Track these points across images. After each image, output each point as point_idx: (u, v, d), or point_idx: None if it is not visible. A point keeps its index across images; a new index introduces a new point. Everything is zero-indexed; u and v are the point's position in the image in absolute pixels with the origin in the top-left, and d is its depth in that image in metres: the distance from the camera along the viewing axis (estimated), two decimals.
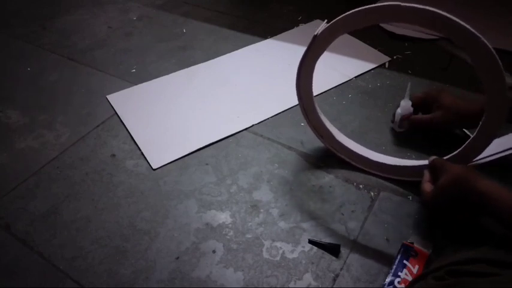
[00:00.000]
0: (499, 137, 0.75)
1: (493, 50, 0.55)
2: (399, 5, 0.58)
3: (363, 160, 0.77)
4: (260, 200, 0.75)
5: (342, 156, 0.79)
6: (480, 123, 0.64)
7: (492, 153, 0.72)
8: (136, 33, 1.25)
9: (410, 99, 0.82)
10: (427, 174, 0.67)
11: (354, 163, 0.79)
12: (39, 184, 0.80)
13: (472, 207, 0.59)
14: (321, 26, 0.66)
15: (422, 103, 0.82)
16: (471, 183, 0.57)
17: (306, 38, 1.16)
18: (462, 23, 0.55)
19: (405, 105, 0.81)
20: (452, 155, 0.70)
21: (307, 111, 0.77)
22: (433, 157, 0.68)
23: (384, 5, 0.59)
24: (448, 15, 0.56)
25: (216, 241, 0.68)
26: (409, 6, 0.57)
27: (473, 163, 0.71)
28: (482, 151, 0.68)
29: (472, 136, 0.67)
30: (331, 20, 0.65)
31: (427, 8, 0.56)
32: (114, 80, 1.06)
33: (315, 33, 0.65)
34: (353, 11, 0.62)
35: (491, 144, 0.66)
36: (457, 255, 0.53)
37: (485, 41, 0.55)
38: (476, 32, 0.55)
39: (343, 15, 0.63)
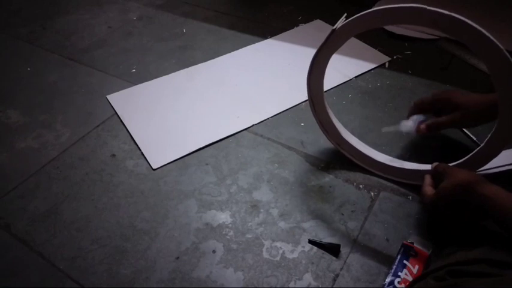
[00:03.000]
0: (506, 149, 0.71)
1: None
2: (424, 8, 0.56)
3: (366, 159, 0.77)
4: (260, 200, 0.74)
5: (345, 153, 0.79)
6: (490, 134, 0.62)
7: (497, 165, 0.71)
8: (136, 33, 1.25)
9: (416, 105, 0.76)
10: (428, 179, 0.66)
11: (355, 161, 0.79)
12: (39, 184, 0.80)
13: (474, 211, 0.58)
14: (339, 20, 0.65)
15: (432, 107, 0.76)
16: (474, 187, 0.55)
17: (306, 38, 1.17)
18: (487, 33, 0.54)
19: (407, 125, 0.75)
20: (458, 163, 0.69)
21: (315, 104, 0.76)
22: (436, 163, 0.66)
23: (409, 7, 0.58)
24: (475, 24, 0.54)
25: (216, 241, 0.68)
26: (434, 11, 0.56)
27: (478, 173, 0.70)
28: (489, 161, 0.67)
29: (481, 145, 0.65)
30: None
31: (454, 15, 0.55)
32: (114, 80, 1.06)
33: (334, 27, 0.64)
34: (377, 9, 0.60)
35: (498, 155, 0.65)
36: (457, 256, 0.53)
37: (507, 54, 0.54)
38: (499, 44, 0.54)
39: (365, 12, 0.61)
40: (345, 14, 0.66)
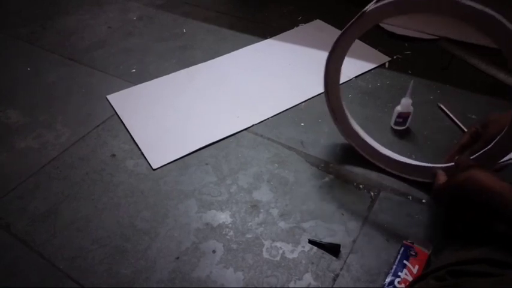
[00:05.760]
0: None
1: None
2: (457, 1, 0.56)
3: (372, 151, 0.78)
4: (260, 200, 0.74)
5: (351, 143, 0.80)
6: (501, 135, 0.62)
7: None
8: (136, 33, 1.25)
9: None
10: (443, 173, 0.66)
11: (361, 152, 0.79)
12: (39, 184, 0.80)
13: (479, 211, 0.58)
14: (371, 3, 0.63)
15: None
16: (483, 182, 0.54)
17: (306, 38, 1.17)
18: None
19: (405, 103, 0.82)
20: (478, 155, 0.67)
21: (329, 89, 0.76)
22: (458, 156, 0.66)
23: None
24: (508, 23, 0.54)
25: (216, 241, 0.68)
26: (467, 5, 0.56)
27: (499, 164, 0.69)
28: (498, 160, 0.66)
29: (490, 144, 0.65)
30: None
31: (489, 11, 0.55)
32: (114, 80, 1.06)
33: (364, 9, 0.63)
34: None
35: None
36: (458, 255, 0.53)
37: None
38: None
39: None
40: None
